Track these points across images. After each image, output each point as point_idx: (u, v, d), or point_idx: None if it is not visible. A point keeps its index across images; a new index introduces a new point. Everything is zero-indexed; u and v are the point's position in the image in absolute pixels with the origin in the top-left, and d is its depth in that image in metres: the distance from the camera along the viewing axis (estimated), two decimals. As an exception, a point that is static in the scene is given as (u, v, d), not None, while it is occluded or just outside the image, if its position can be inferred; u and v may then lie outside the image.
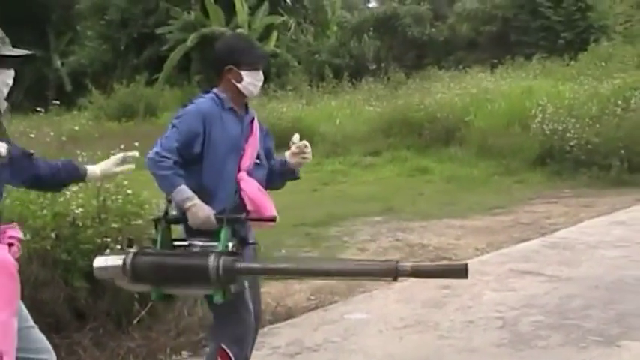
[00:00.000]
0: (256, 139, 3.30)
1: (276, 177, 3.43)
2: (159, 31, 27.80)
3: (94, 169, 3.09)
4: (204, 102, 3.24)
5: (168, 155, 3.11)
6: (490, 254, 6.67)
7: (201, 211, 3.07)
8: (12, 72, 2.66)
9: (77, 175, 3.05)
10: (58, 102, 22.10)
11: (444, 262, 3.25)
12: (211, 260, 2.82)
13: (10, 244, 2.60)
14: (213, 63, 3.34)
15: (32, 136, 6.63)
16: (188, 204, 3.07)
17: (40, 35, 32.61)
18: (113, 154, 3.20)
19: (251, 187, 3.20)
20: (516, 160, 11.54)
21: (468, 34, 26.33)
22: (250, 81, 3.23)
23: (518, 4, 24.55)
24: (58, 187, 3.14)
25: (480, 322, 4.78)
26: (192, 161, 3.16)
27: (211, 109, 3.21)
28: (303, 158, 3.34)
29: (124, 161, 3.14)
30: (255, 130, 3.31)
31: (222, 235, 3.00)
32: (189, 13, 27.65)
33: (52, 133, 8.96)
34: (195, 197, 3.09)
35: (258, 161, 3.31)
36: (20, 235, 2.71)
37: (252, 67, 3.23)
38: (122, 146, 4.42)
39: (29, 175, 2.86)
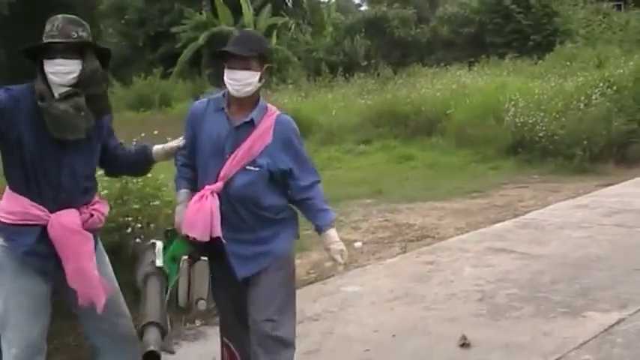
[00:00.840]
0: (250, 146, 2.74)
1: (303, 211, 3.01)
2: (173, 29, 27.49)
3: (157, 148, 2.93)
4: (198, 103, 2.92)
5: (178, 157, 2.93)
6: (469, 234, 6.63)
7: (177, 217, 2.81)
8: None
9: (147, 156, 2.90)
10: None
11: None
12: (141, 268, 2.56)
13: (92, 215, 2.65)
14: None
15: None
16: (176, 209, 2.87)
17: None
18: (134, 141, 3.13)
19: (190, 202, 2.77)
20: (491, 148, 11.44)
21: (448, 35, 26.16)
22: (226, 79, 2.73)
23: (493, 9, 24.36)
24: (134, 169, 3.04)
25: (461, 295, 4.76)
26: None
27: (199, 110, 2.84)
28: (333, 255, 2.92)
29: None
30: (252, 137, 2.75)
31: (173, 245, 2.76)
32: (200, 13, 27.35)
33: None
34: (183, 203, 2.81)
35: (251, 168, 2.74)
36: (105, 210, 2.74)
37: (227, 64, 2.73)
38: (142, 134, 4.36)
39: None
